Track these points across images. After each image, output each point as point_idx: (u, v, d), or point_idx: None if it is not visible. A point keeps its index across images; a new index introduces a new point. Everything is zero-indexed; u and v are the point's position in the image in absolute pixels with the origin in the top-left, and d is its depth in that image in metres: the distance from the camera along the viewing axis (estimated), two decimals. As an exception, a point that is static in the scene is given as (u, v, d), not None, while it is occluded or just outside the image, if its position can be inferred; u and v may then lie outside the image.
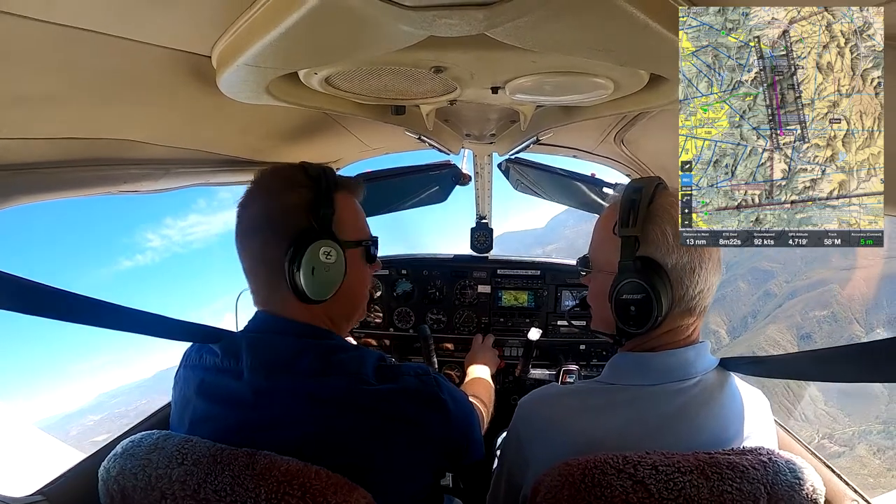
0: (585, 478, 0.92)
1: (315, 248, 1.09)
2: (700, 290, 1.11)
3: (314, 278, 1.09)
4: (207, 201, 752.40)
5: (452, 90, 1.35)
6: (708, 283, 1.11)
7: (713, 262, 1.10)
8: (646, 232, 1.11)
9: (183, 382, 1.17)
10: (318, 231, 1.11)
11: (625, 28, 0.80)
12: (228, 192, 21.03)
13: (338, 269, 1.14)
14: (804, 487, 0.97)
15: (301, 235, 1.09)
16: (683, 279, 1.09)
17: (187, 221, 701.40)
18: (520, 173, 2.68)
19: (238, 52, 0.92)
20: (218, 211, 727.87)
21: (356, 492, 0.95)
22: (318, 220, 1.12)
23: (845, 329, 63.91)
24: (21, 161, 1.14)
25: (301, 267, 1.07)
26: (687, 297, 1.11)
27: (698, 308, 1.13)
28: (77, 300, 0.95)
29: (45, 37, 0.79)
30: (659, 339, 1.15)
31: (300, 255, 1.07)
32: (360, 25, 0.79)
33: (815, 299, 66.49)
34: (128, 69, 0.99)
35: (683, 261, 1.09)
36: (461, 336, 2.84)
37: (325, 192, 1.14)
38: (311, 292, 1.10)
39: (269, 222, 1.12)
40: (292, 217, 1.11)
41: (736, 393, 1.13)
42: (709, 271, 1.10)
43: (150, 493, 0.95)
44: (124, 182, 1.43)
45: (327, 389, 1.05)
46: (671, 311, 1.11)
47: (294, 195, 1.13)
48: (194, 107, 1.28)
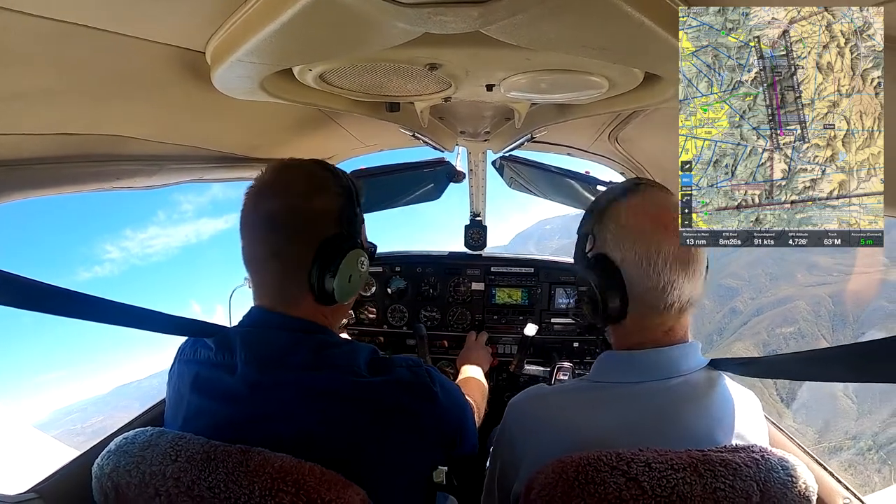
0: (579, 475, 0.92)
1: (354, 256, 1.14)
2: (660, 285, 1.10)
3: (349, 285, 1.14)
4: (167, 213, 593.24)
5: (447, 87, 1.35)
6: (668, 279, 1.09)
7: (670, 259, 1.09)
8: (597, 230, 1.17)
9: (177, 377, 1.17)
10: (352, 240, 1.15)
11: (619, 26, 0.80)
12: (190, 205, 20.84)
13: (364, 276, 1.20)
14: (797, 485, 0.97)
15: (331, 241, 1.12)
16: (637, 274, 1.11)
17: (147, 233, 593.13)
18: (514, 171, 2.68)
19: (233, 49, 0.92)
20: (179, 223, 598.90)
21: (350, 488, 0.95)
22: (349, 228, 1.15)
23: (812, 346, 62.68)
24: (14, 157, 1.13)
25: (338, 273, 1.10)
26: (647, 292, 1.11)
27: (667, 305, 1.12)
28: (74, 296, 0.95)
29: (40, 32, 0.79)
30: (639, 336, 1.16)
31: (336, 261, 1.11)
32: (355, 22, 0.79)
33: (781, 316, 66.29)
34: (122, 65, 0.99)
35: (631, 255, 1.10)
36: (455, 333, 2.85)
37: (356, 202, 1.19)
38: (339, 296, 1.13)
39: (295, 222, 1.12)
40: (322, 222, 1.13)
41: (725, 392, 1.13)
42: (667, 267, 1.09)
43: (144, 491, 0.95)
44: (118, 178, 1.43)
45: (321, 383, 1.05)
46: (635, 307, 1.13)
47: (326, 200, 1.15)
48: (189, 103, 1.28)
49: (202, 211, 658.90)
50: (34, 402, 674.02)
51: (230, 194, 14.60)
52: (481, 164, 2.75)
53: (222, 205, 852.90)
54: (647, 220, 1.11)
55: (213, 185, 4.98)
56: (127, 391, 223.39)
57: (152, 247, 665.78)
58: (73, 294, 0.95)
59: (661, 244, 1.08)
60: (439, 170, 2.71)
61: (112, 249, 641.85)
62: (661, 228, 1.09)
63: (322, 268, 1.10)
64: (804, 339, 63.75)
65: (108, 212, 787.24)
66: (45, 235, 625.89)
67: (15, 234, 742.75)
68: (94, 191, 1.41)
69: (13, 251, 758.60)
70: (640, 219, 1.12)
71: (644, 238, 1.09)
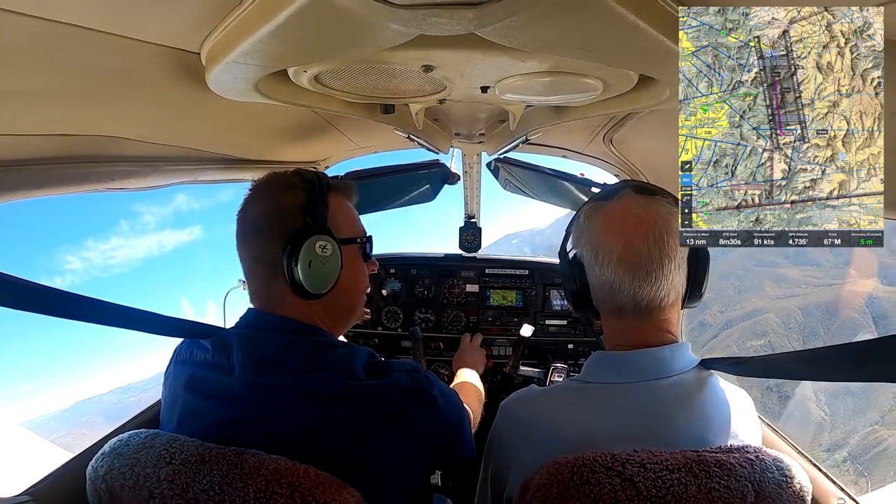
0: (574, 476, 0.92)
1: (311, 242, 1.13)
2: (603, 284, 1.16)
3: (311, 271, 1.13)
4: (130, 224, 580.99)
5: (442, 89, 1.35)
6: (614, 279, 1.13)
7: (612, 260, 1.12)
8: (572, 229, 1.28)
9: (173, 378, 1.17)
10: (314, 228, 1.15)
11: (615, 29, 0.80)
12: (152, 216, 20.67)
13: (334, 263, 1.17)
14: (791, 485, 0.97)
15: (297, 233, 1.12)
16: (590, 271, 1.19)
17: (109, 244, 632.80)
18: (509, 173, 2.68)
19: (227, 50, 0.92)
20: (141, 234, 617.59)
21: (345, 490, 0.95)
22: (312, 217, 1.16)
23: (780, 360, 63.49)
24: (8, 158, 1.13)
25: (299, 261, 1.11)
26: (595, 291, 1.20)
27: (613, 306, 1.17)
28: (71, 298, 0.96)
29: (34, 32, 0.79)
30: (625, 337, 1.18)
31: (297, 250, 1.11)
32: (350, 24, 0.79)
33: (750, 328, 66.12)
34: (117, 66, 0.99)
35: (585, 252, 1.19)
36: (449, 335, 2.84)
37: (319, 193, 1.19)
38: (309, 285, 1.13)
39: (266, 223, 1.16)
40: (288, 217, 1.15)
41: (717, 392, 1.13)
42: (612, 268, 1.13)
43: (139, 493, 0.95)
44: (112, 179, 1.42)
45: (318, 385, 1.05)
46: (601, 304, 1.21)
47: (290, 196, 1.17)
48: (183, 104, 1.28)
49: (165, 223, 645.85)
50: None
51: (194, 206, 14.27)
52: (476, 166, 2.75)
53: (186, 217, 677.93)
54: (598, 222, 1.18)
55: (177, 196, 4.90)
56: (89, 406, 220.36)
57: (114, 258, 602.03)
58: (69, 295, 0.96)
59: (608, 244, 1.14)
60: (434, 172, 2.71)
61: (73, 260, 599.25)
62: (611, 230, 1.14)
63: (290, 261, 1.12)
64: (775, 351, 63.52)
65: (69, 221, 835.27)
66: (4, 243, 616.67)
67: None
68: (88, 192, 1.41)
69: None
70: (597, 221, 1.18)
71: (593, 239, 1.17)
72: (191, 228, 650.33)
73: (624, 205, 1.17)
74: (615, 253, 1.12)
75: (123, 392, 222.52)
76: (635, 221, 1.12)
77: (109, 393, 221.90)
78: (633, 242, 1.10)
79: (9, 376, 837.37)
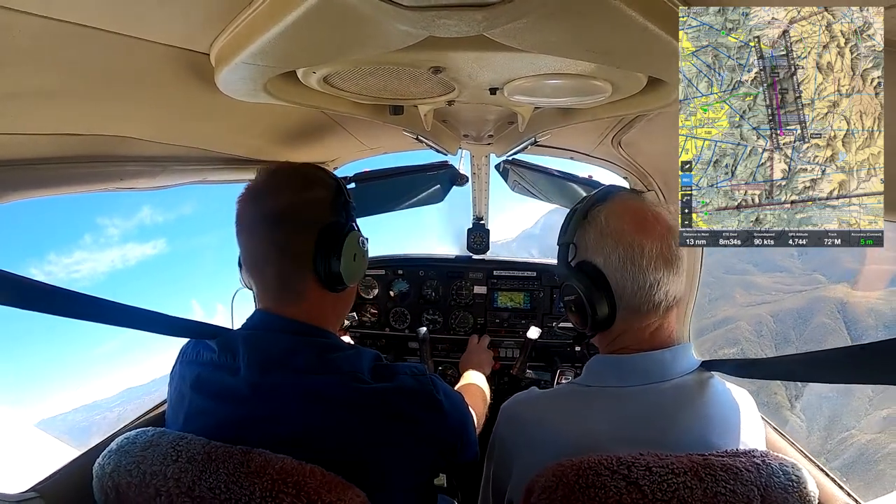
0: (579, 478, 0.92)
1: (354, 236, 1.17)
2: (646, 284, 1.10)
3: (356, 264, 1.18)
4: (94, 237, 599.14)
5: (451, 91, 1.35)
6: (654, 278, 1.10)
7: (654, 258, 1.10)
8: (578, 238, 1.19)
9: (179, 378, 1.17)
10: (347, 223, 1.19)
11: (623, 31, 0.80)
12: (116, 229, 20.55)
13: (366, 258, 1.25)
14: (798, 490, 0.97)
15: (329, 227, 1.15)
16: (622, 276, 1.12)
17: (72, 258, 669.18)
18: (517, 174, 2.68)
19: (237, 50, 0.92)
20: (105, 248, 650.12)
21: (350, 490, 0.95)
22: (346, 212, 1.20)
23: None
24: (17, 157, 1.14)
25: (342, 254, 1.13)
26: (634, 294, 1.12)
27: (655, 304, 1.12)
28: (81, 298, 0.97)
29: (43, 32, 0.79)
30: (626, 339, 1.17)
31: (339, 243, 1.13)
32: (358, 25, 0.79)
33: (722, 337, 65.70)
34: (126, 66, 0.99)
35: (614, 258, 1.12)
36: (457, 337, 2.84)
37: (345, 190, 1.23)
38: (348, 277, 1.16)
39: (295, 215, 1.15)
40: (319, 211, 1.17)
41: (718, 394, 1.13)
42: (651, 266, 1.10)
43: (145, 491, 0.95)
44: (121, 179, 1.43)
45: (323, 387, 1.05)
46: (623, 309, 1.14)
47: (319, 191, 1.19)
48: (192, 104, 1.29)
49: (128, 236, 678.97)
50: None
51: (157, 219, 14.29)
52: (484, 168, 2.76)
53: (149, 230, 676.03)
54: (626, 223, 1.12)
55: (141, 209, 4.86)
56: (53, 424, 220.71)
57: (78, 272, 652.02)
58: (76, 295, 0.97)
59: (644, 244, 1.09)
60: (442, 173, 2.71)
61: (36, 273, 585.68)
62: (641, 229, 1.11)
63: (326, 253, 1.13)
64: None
65: (31, 233, 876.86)
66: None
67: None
68: (97, 191, 1.42)
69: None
70: (620, 222, 1.13)
71: (625, 240, 1.11)
72: (155, 241, 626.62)
73: (635, 204, 1.16)
74: (654, 250, 1.10)
75: (89, 409, 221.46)
76: (654, 218, 1.12)
77: (74, 411, 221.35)
78: (665, 238, 1.10)
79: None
